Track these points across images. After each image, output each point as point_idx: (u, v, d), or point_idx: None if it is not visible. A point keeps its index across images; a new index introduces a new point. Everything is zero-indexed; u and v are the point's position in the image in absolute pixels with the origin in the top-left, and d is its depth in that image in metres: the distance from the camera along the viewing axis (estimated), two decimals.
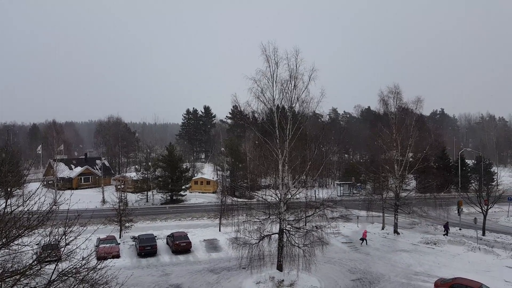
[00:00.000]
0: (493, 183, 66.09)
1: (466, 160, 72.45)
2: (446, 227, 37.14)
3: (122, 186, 61.06)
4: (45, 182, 66.83)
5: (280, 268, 25.25)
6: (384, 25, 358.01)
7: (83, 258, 12.46)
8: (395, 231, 37.65)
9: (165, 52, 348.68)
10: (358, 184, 67.20)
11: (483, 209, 37.21)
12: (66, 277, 12.02)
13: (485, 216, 37.51)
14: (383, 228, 39.40)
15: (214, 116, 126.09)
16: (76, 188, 69.17)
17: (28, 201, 12.51)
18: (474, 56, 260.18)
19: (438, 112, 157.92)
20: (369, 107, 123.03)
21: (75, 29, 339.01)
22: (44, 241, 12.59)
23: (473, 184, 64.44)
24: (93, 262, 13.15)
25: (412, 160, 39.22)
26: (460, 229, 39.11)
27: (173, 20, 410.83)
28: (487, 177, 65.91)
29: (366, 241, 34.33)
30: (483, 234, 36.89)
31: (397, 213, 37.69)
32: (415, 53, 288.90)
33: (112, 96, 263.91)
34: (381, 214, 39.96)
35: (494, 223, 42.58)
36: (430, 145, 41.71)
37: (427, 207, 37.77)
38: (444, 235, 36.34)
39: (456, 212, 43.62)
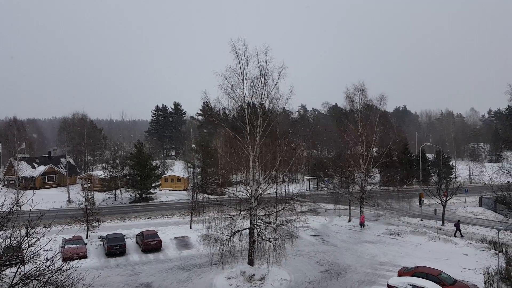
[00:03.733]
0: (452, 176, 69.81)
1: (427, 155, 75.88)
2: (457, 226, 34.90)
3: (89, 185, 59.33)
4: (5, 182, 63.68)
5: (251, 262, 25.61)
6: (351, 24, 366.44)
7: (47, 260, 12.17)
8: (361, 223, 39.02)
9: (132, 47, 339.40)
10: (326, 179, 68.92)
11: (443, 200, 39.34)
12: (29, 280, 11.72)
13: (444, 207, 39.66)
14: (349, 221, 40.74)
15: (185, 113, 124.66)
16: (40, 188, 66.27)
17: None
18: (435, 55, 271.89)
19: (401, 108, 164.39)
20: (336, 104, 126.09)
21: (31, 21, 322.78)
22: (5, 243, 12.19)
23: (433, 177, 67.84)
24: (59, 263, 12.85)
25: (376, 155, 40.77)
26: (421, 220, 41.13)
27: (143, 15, 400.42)
28: (446, 170, 69.40)
29: (364, 225, 38.04)
30: (443, 224, 39.00)
31: (362, 205, 39.11)
32: (381, 52, 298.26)
33: (77, 92, 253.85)
34: (347, 207, 41.30)
35: (452, 214, 45.05)
36: (393, 141, 43.58)
37: (390, 200, 39.48)
38: (455, 234, 34.64)
39: (418, 204, 45.87)
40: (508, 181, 30.68)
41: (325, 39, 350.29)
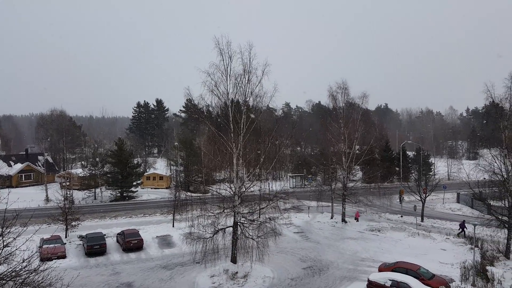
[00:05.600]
0: (431, 173, 71.55)
1: (407, 152, 77.62)
2: (463, 226, 34.20)
3: (68, 183, 58.04)
4: None
5: (234, 260, 25.57)
6: (334, 22, 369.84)
7: (23, 260, 11.84)
8: (343, 220, 39.58)
9: (113, 43, 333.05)
10: (309, 176, 69.49)
11: (422, 197, 40.25)
12: (4, 281, 11.37)
13: (423, 204, 40.60)
14: (332, 217, 41.22)
15: (167, 110, 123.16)
16: (16, 186, 64.47)
17: None
18: (416, 54, 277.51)
19: (382, 106, 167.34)
20: (319, 102, 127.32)
21: (7, 14, 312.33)
22: None
23: (413, 174, 69.35)
24: (36, 263, 12.52)
25: (358, 152, 41.29)
26: (401, 216, 41.98)
27: (127, 9, 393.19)
28: (426, 167, 71.13)
29: (358, 219, 39.89)
30: (422, 220, 39.92)
31: (344, 202, 39.62)
32: (363, 51, 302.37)
33: (56, 87, 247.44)
34: (330, 204, 41.75)
35: (431, 210, 46.19)
36: (375, 138, 44.23)
37: (372, 197, 40.17)
38: (458, 234, 33.99)
39: (398, 200, 46.81)
40: (484, 178, 31.56)
41: (309, 36, 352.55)
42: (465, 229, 33.90)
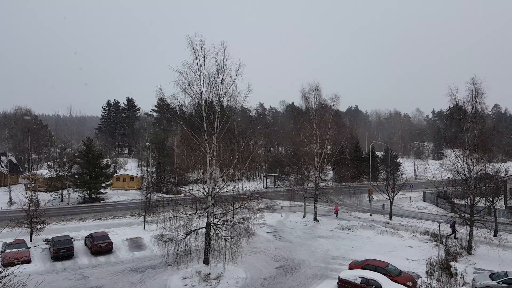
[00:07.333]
0: (399, 173, 74.04)
1: (376, 152, 79.88)
2: (453, 228, 33.64)
3: (33, 184, 55.65)
4: None
5: (207, 262, 25.41)
6: (309, 24, 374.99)
7: None
8: (315, 219, 40.25)
9: (79, 39, 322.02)
10: (282, 176, 70.15)
11: (390, 196, 41.59)
12: None
13: (391, 202, 41.97)
14: (304, 217, 41.82)
15: (139, 109, 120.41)
16: None
17: None
18: (385, 57, 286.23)
19: (353, 108, 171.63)
20: (292, 102, 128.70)
21: None
22: None
23: (382, 174, 71.54)
24: None
25: (330, 152, 42.14)
26: (371, 215, 43.19)
27: (97, 5, 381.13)
28: (393, 167, 73.47)
29: (337, 213, 42.17)
30: (390, 218, 41.23)
31: (316, 202, 40.32)
32: (335, 53, 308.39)
33: (20, 85, 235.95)
34: (302, 203, 42.34)
35: (399, 208, 47.80)
36: (346, 139, 45.30)
37: (342, 196, 41.09)
38: (449, 235, 33.45)
39: (368, 199, 48.16)
40: (449, 177, 33.00)
41: (278, 36, 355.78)
42: (456, 231, 33.35)
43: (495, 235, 32.96)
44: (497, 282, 21.70)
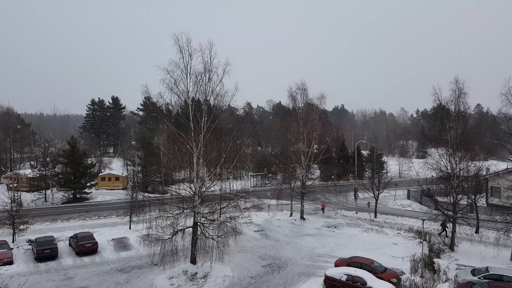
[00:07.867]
0: (383, 171, 75.12)
1: (362, 151, 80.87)
2: (444, 226, 33.50)
3: (15, 184, 54.42)
4: None
5: (193, 261, 25.33)
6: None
7: None
8: (302, 217, 40.52)
9: (63, 37, 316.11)
10: (269, 175, 70.34)
11: (375, 194, 42.16)
12: None
13: (376, 200, 42.54)
14: (291, 215, 42.05)
15: (124, 108, 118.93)
16: None
17: None
18: (371, 57, 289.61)
19: (339, 107, 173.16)
20: (280, 102, 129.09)
21: None
22: None
23: (367, 172, 72.45)
24: None
25: (316, 151, 42.46)
26: (356, 213, 43.71)
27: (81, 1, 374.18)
28: (379, 165, 74.49)
29: (324, 210, 42.69)
30: (375, 216, 41.80)
31: (303, 200, 40.60)
32: (323, 54, 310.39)
33: (1, 83, 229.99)
34: (289, 202, 42.58)
35: (384, 206, 48.49)
36: (332, 138, 45.75)
37: (329, 194, 41.53)
38: (440, 233, 33.65)
39: (353, 197, 48.69)
40: (432, 176, 33.66)
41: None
42: (446, 228, 33.40)
43: (476, 232, 33.78)
44: (478, 277, 22.27)
